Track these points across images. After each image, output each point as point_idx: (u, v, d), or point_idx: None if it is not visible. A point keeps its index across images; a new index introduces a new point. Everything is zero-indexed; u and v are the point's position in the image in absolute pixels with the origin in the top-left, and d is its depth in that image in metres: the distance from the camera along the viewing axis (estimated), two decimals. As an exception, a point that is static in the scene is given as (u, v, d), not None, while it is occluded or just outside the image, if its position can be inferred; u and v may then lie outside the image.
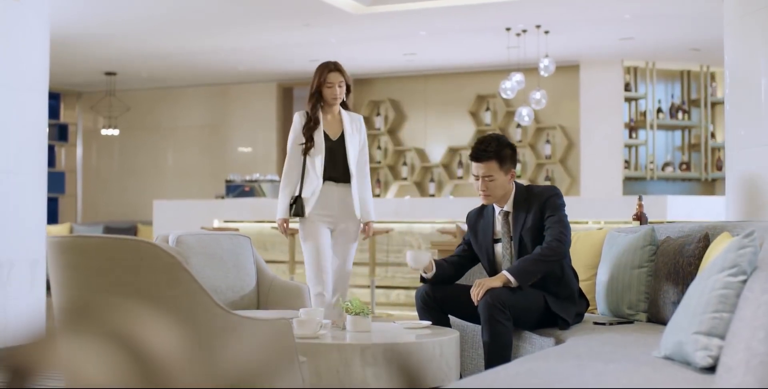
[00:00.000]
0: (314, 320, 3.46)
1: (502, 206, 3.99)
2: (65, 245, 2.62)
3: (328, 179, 4.87)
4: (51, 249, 2.67)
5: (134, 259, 2.51)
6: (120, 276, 2.53)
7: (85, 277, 2.59)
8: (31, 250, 5.77)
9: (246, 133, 13.07)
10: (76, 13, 8.72)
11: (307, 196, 4.85)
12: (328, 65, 4.91)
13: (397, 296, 8.90)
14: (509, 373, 2.43)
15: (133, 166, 13.69)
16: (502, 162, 3.92)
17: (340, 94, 4.90)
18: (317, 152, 4.86)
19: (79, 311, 2.49)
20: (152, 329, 1.05)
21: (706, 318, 2.34)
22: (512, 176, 3.96)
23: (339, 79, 4.89)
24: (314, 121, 4.89)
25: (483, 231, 4.05)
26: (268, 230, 9.01)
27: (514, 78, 9.65)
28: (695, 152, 11.34)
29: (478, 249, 4.07)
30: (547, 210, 3.86)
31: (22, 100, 5.72)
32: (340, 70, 4.90)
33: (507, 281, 3.72)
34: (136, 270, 2.50)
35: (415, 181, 12.04)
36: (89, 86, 13.23)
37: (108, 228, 12.08)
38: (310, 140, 4.87)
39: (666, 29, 9.42)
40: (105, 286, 2.54)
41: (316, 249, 4.79)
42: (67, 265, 2.62)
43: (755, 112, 4.31)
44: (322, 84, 4.87)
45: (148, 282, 2.50)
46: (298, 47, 10.46)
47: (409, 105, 12.21)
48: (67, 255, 2.61)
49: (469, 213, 4.20)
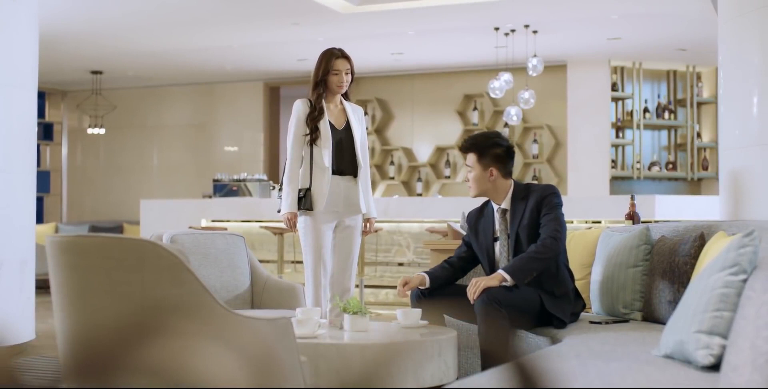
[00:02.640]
0: (312, 319, 3.45)
1: (500, 203, 4.01)
2: (65, 245, 2.60)
3: (334, 172, 4.63)
4: (51, 249, 2.64)
5: (136, 259, 2.49)
6: (122, 276, 2.50)
7: (86, 277, 2.56)
8: (21, 250, 5.71)
9: (232, 133, 13.04)
10: (62, 11, 8.66)
11: (316, 191, 4.60)
12: (335, 52, 4.67)
13: (385, 295, 8.90)
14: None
15: (119, 165, 13.63)
16: (480, 156, 3.96)
17: (346, 81, 4.66)
18: (324, 143, 4.62)
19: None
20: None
21: (707, 316, 2.35)
22: (491, 174, 3.96)
23: (346, 66, 4.66)
24: (319, 110, 4.64)
25: (483, 231, 4.06)
26: (256, 229, 8.98)
27: (503, 77, 9.67)
28: (681, 152, 11.39)
29: (478, 249, 4.08)
30: (543, 207, 3.87)
31: (12, 99, 5.67)
32: (347, 57, 4.68)
33: (503, 279, 3.72)
34: (139, 270, 2.48)
35: (402, 181, 12.04)
36: (75, 85, 13.16)
37: (93, 227, 12.01)
38: (316, 130, 4.63)
39: (653, 29, 9.46)
40: (106, 286, 2.52)
41: (318, 246, 4.59)
42: (68, 265, 2.60)
43: (750, 111, 4.33)
44: (328, 71, 4.64)
45: (150, 282, 2.48)
46: (286, 46, 10.44)
47: (397, 104, 12.20)
48: (68, 255, 2.59)
49: (470, 214, 4.20)
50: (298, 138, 4.67)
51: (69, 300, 2.61)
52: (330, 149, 4.62)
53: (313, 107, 4.67)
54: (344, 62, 4.66)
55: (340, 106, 4.76)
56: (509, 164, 4.02)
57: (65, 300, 2.63)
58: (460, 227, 6.41)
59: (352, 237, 4.72)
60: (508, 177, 4.03)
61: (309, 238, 4.62)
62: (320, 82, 4.67)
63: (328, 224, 4.65)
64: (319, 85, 4.67)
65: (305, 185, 4.63)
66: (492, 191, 4.01)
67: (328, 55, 4.67)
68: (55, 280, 2.68)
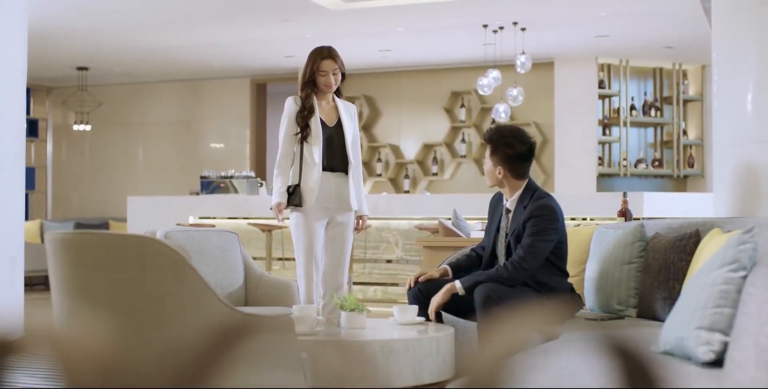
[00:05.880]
0: (310, 316, 3.45)
1: (508, 199, 4.02)
2: (66, 242, 2.59)
3: (325, 168, 4.63)
4: (51, 247, 2.63)
5: (138, 256, 2.48)
6: (123, 274, 2.49)
7: (87, 275, 2.55)
8: (10, 246, 5.68)
9: (219, 129, 13.00)
10: (49, 7, 8.61)
11: (306, 186, 4.59)
12: (322, 52, 4.65)
13: (374, 292, 8.90)
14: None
15: (105, 162, 13.56)
16: (493, 151, 3.97)
17: (335, 82, 4.65)
18: (315, 140, 4.61)
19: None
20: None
21: (707, 313, 2.36)
22: (500, 172, 3.96)
23: (333, 67, 4.63)
24: (309, 109, 4.62)
25: (494, 219, 4.10)
26: (244, 226, 8.96)
27: (491, 75, 9.69)
28: (667, 149, 11.44)
29: (486, 233, 4.11)
30: (527, 227, 3.86)
31: (2, 95, 5.65)
32: (334, 58, 4.64)
33: (455, 291, 3.80)
34: (141, 268, 2.47)
35: (389, 178, 12.03)
36: (60, 81, 13.08)
37: (79, 224, 11.95)
38: (306, 127, 4.61)
39: (641, 27, 9.50)
40: (107, 284, 2.51)
41: (310, 243, 4.57)
42: (68, 262, 2.59)
43: (744, 109, 4.36)
44: (315, 72, 4.62)
45: (152, 280, 2.47)
46: (273, 43, 10.41)
47: (384, 101, 12.20)
48: (69, 253, 2.58)
49: (493, 197, 4.20)
50: (289, 135, 4.67)
51: (69, 298, 2.60)
52: (320, 146, 4.61)
53: (303, 106, 4.66)
54: (331, 63, 4.63)
55: (332, 103, 4.75)
56: (521, 166, 3.97)
57: (65, 297, 2.61)
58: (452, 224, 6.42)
59: (344, 234, 4.71)
60: (520, 178, 3.99)
61: (300, 235, 4.61)
62: (308, 82, 4.66)
63: (320, 221, 4.64)
64: (308, 85, 4.66)
65: (295, 181, 4.63)
66: (502, 187, 4.02)
67: (315, 55, 4.65)
68: (55, 278, 2.66)
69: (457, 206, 7.02)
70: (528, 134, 4.02)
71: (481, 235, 5.34)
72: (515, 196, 3.98)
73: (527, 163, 3.98)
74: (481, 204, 5.56)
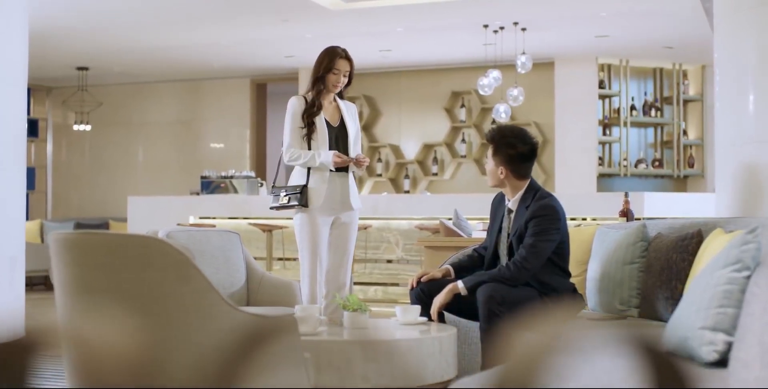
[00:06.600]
0: (313, 316, 3.45)
1: (510, 200, 4.02)
2: (70, 242, 2.58)
3: (332, 170, 4.61)
4: (55, 247, 2.63)
5: (142, 256, 2.47)
6: (127, 274, 2.49)
7: (90, 275, 2.55)
8: (11, 246, 5.68)
9: (219, 129, 13.00)
10: (49, 7, 8.60)
11: (314, 186, 4.59)
12: (339, 52, 4.66)
13: (374, 292, 8.90)
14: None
15: (105, 162, 13.56)
16: (495, 151, 3.97)
17: (342, 83, 4.67)
18: (320, 139, 4.61)
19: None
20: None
21: (711, 313, 2.36)
22: (501, 172, 3.96)
23: (347, 68, 4.65)
24: (317, 106, 4.62)
25: (495, 219, 4.10)
26: (244, 226, 8.97)
27: (492, 75, 9.69)
28: (668, 149, 11.45)
29: (489, 232, 4.11)
30: (529, 227, 3.86)
31: (2, 95, 5.65)
32: (349, 59, 4.68)
33: (458, 291, 3.80)
34: (145, 268, 2.47)
35: (389, 178, 12.03)
36: (60, 81, 13.07)
37: (79, 224, 11.94)
38: (312, 125, 4.61)
39: (641, 27, 9.51)
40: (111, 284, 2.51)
41: (315, 244, 4.58)
42: (72, 263, 2.58)
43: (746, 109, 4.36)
44: (329, 69, 4.62)
45: (156, 280, 2.47)
46: (273, 43, 10.41)
47: (384, 101, 12.20)
48: (72, 253, 2.57)
49: (495, 197, 4.20)
50: (295, 129, 4.65)
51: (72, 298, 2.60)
52: (327, 146, 4.62)
53: (311, 103, 4.65)
54: (346, 63, 4.66)
55: (334, 103, 4.76)
56: (523, 167, 3.97)
57: (68, 297, 2.61)
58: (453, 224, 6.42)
59: (348, 234, 4.71)
60: (522, 178, 3.99)
61: (305, 235, 4.61)
62: (320, 78, 4.64)
63: (325, 220, 4.65)
64: (319, 81, 4.65)
65: (302, 182, 4.63)
66: (504, 187, 4.02)
67: (332, 53, 4.66)
68: (58, 278, 2.66)
69: (458, 206, 7.03)
70: (530, 134, 4.03)
71: (482, 235, 5.35)
72: (517, 196, 3.98)
73: (529, 163, 3.99)
74: (481, 205, 5.56)
